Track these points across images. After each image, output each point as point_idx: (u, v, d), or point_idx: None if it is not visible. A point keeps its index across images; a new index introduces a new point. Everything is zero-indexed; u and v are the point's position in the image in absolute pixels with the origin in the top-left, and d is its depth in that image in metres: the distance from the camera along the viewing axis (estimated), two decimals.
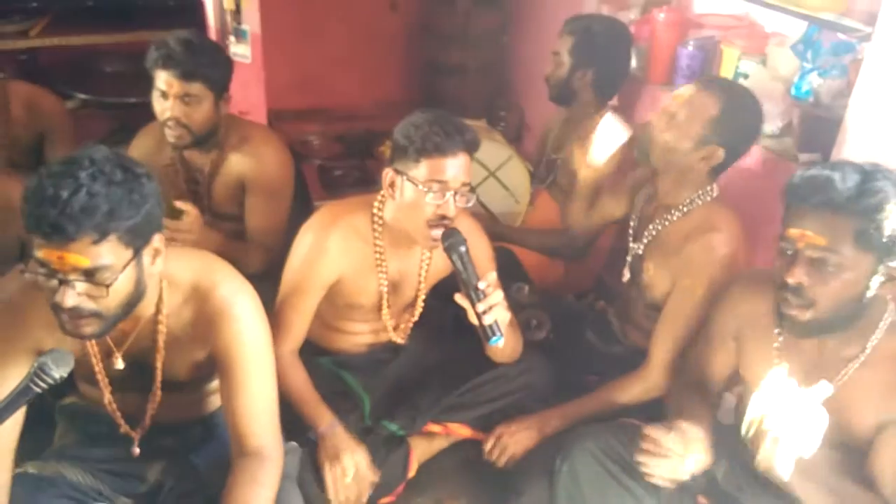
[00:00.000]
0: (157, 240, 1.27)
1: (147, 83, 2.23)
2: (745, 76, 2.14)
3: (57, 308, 1.20)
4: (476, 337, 1.87)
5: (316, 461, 1.65)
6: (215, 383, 1.59)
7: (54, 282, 1.17)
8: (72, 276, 1.17)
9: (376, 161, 3.24)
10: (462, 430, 1.87)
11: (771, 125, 2.02)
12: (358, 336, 1.94)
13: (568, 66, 2.34)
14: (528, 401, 1.87)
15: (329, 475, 1.64)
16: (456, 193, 1.64)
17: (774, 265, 1.35)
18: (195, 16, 3.01)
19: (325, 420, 1.69)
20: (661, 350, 1.78)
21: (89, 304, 1.20)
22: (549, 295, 2.31)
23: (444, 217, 1.64)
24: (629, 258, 1.93)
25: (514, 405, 1.86)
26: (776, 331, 1.46)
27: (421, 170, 1.62)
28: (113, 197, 1.15)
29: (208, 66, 1.99)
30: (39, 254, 1.16)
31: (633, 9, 2.65)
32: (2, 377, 1.32)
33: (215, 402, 1.62)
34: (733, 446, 1.47)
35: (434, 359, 1.95)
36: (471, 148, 1.64)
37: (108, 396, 1.46)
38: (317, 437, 1.68)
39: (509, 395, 1.86)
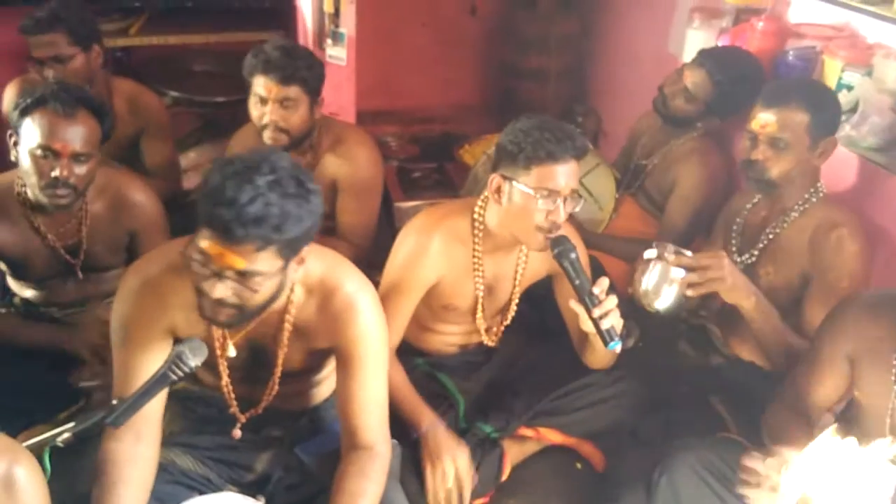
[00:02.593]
0: (306, 250, 1.32)
1: (234, 82, 2.29)
2: (850, 87, 2.09)
3: (202, 293, 1.26)
4: (567, 341, 1.89)
5: (418, 460, 1.67)
6: (321, 375, 1.64)
7: (208, 271, 1.23)
8: (226, 273, 1.22)
9: (455, 164, 3.25)
10: (553, 436, 1.87)
11: (876, 137, 1.98)
12: (450, 336, 1.97)
13: (700, 109, 2.28)
14: (620, 409, 1.86)
15: (430, 476, 1.66)
16: (565, 199, 1.64)
17: None
18: (286, 18, 3.09)
19: (427, 419, 1.72)
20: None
21: (233, 299, 1.25)
22: (635, 303, 2.30)
23: (553, 223, 1.64)
24: None
25: (607, 413, 1.86)
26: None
27: (531, 177, 1.62)
28: (284, 210, 1.20)
29: (305, 69, 2.05)
30: (203, 244, 1.22)
31: (725, 17, 2.62)
32: (142, 354, 1.40)
33: (321, 394, 1.67)
34: None
35: (526, 362, 1.97)
36: (580, 154, 1.65)
37: (225, 380, 1.51)
38: (419, 436, 1.70)
39: (602, 402, 1.86)
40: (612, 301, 1.55)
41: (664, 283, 1.67)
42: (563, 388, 1.86)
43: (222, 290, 1.23)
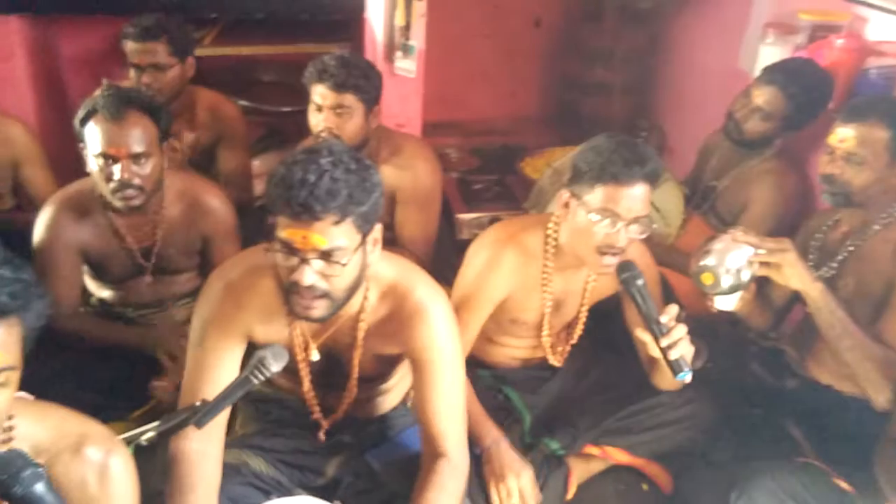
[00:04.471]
0: (378, 230, 1.35)
1: (300, 93, 2.31)
2: None
3: (292, 288, 1.28)
4: (635, 359, 1.86)
5: (481, 476, 1.67)
6: (390, 383, 1.65)
7: (294, 260, 1.26)
8: (311, 256, 1.25)
9: (516, 176, 3.25)
10: (620, 456, 1.85)
11: None
12: (515, 350, 1.96)
13: (777, 126, 2.24)
14: (690, 431, 1.83)
15: (494, 494, 1.65)
16: (629, 224, 1.61)
17: None
18: (355, 31, 3.13)
19: (491, 435, 1.71)
20: None
21: (322, 284, 1.28)
22: (703, 322, 2.25)
23: (613, 247, 1.62)
24: None
25: (676, 435, 1.83)
26: None
27: (596, 196, 1.60)
28: (351, 182, 1.24)
29: (360, 77, 2.08)
30: (284, 234, 1.25)
31: (800, 33, 2.56)
32: (217, 354, 1.43)
33: (390, 402, 1.69)
34: None
35: (592, 379, 1.95)
36: (651, 179, 1.61)
37: (307, 385, 1.53)
38: (482, 452, 1.69)
39: (672, 424, 1.82)
40: (681, 330, 1.50)
41: (727, 257, 1.62)
42: (631, 407, 1.83)
43: (310, 275, 1.26)
